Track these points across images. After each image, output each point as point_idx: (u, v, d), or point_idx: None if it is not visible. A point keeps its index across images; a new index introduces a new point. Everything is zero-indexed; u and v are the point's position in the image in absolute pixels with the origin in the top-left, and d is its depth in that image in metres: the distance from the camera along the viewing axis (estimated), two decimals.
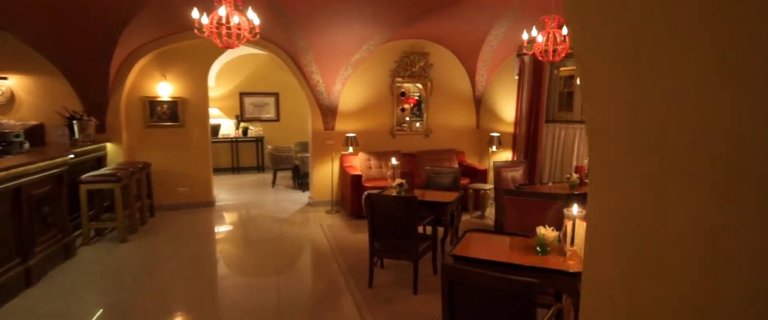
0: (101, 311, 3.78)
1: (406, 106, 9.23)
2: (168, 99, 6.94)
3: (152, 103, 6.88)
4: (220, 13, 3.90)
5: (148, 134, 6.94)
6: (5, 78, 6.01)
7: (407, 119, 9.05)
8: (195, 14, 3.90)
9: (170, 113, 6.98)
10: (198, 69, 7.11)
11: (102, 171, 5.62)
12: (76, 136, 5.93)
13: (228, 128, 10.98)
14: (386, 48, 7.19)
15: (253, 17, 4.03)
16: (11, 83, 6.06)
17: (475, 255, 2.98)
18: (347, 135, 6.79)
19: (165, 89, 6.91)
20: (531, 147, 6.62)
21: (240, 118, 10.98)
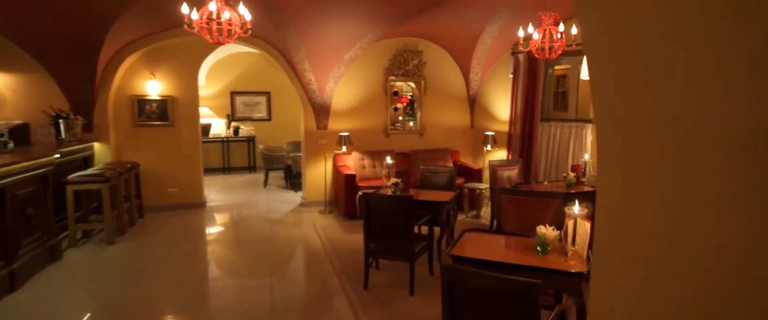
0: (88, 315, 3.66)
1: (399, 106, 9.16)
2: (157, 97, 6.81)
3: (141, 102, 6.74)
4: (211, 8, 3.79)
5: (137, 133, 6.80)
6: None
7: (400, 118, 8.98)
8: (185, 9, 3.79)
9: (159, 112, 6.85)
10: (188, 67, 6.98)
11: (89, 171, 5.49)
12: (63, 136, 5.79)
13: (219, 128, 10.84)
14: (379, 46, 7.11)
15: (245, 12, 3.92)
16: None
17: (474, 255, 2.91)
18: (341, 134, 6.70)
19: (154, 87, 6.78)
20: (526, 146, 6.57)
21: (231, 118, 10.85)
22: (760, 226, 0.84)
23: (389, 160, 4.91)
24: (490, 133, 7.02)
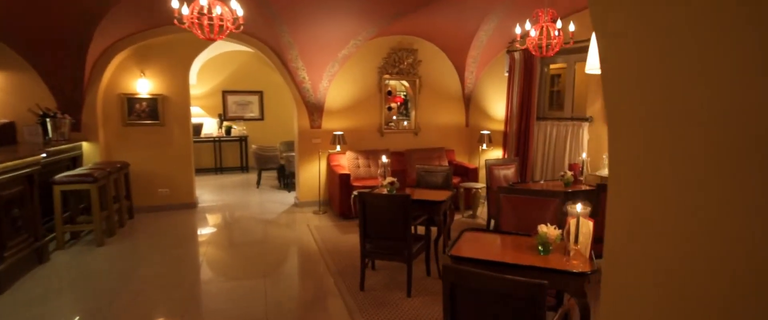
0: (77, 319, 3.55)
1: (393, 105, 9.11)
2: (147, 96, 6.68)
3: (130, 101, 6.61)
4: (202, 3, 3.69)
5: (127, 133, 6.67)
6: None
7: (394, 118, 8.93)
8: (175, 4, 3.69)
9: (150, 111, 6.72)
10: (179, 65, 6.86)
11: (77, 171, 5.36)
12: (50, 135, 5.65)
13: (210, 127, 10.71)
14: (374, 44, 7.03)
15: (237, 7, 3.83)
16: None
17: (475, 255, 2.84)
18: (335, 133, 6.61)
19: (144, 86, 6.65)
20: (522, 145, 6.51)
21: (223, 117, 10.73)
22: None
23: (385, 159, 4.83)
24: (486, 132, 6.96)
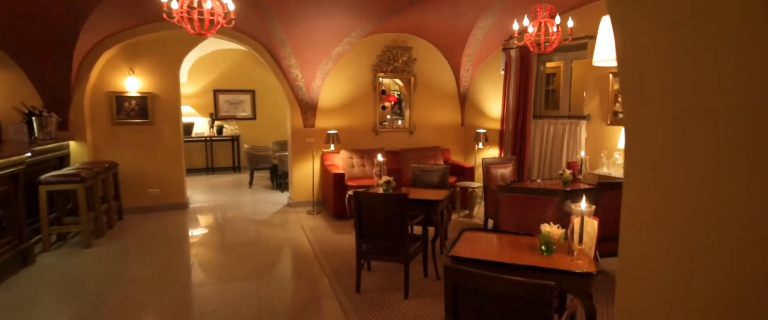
0: None
1: (387, 104, 9.01)
2: (136, 94, 6.53)
3: (119, 99, 6.46)
4: None
5: (116, 132, 6.52)
6: None
7: (388, 117, 8.83)
8: None
9: (139, 109, 6.57)
10: (169, 63, 6.72)
11: (64, 171, 5.22)
12: (36, 134, 5.49)
13: (202, 127, 10.56)
14: (368, 41, 6.94)
15: (228, 1, 3.72)
16: None
17: (476, 255, 2.75)
18: (328, 132, 6.51)
19: (133, 84, 6.50)
20: (519, 143, 6.44)
21: (214, 116, 10.58)
22: None
23: (380, 158, 4.73)
24: (482, 131, 6.89)
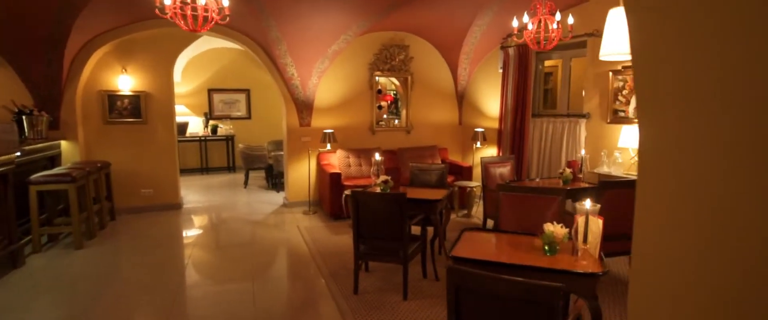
0: None
1: (383, 104, 8.94)
2: (129, 93, 6.43)
3: (112, 98, 6.35)
4: None
5: (108, 131, 6.41)
6: None
7: (384, 117, 8.77)
8: None
9: (132, 108, 6.47)
10: (162, 61, 6.62)
11: (55, 170, 5.11)
12: (26, 133, 5.38)
13: (196, 126, 10.45)
14: (364, 40, 6.87)
15: None
16: None
17: (478, 256, 2.69)
18: (325, 131, 6.42)
19: (126, 83, 6.40)
20: (517, 142, 6.38)
21: (209, 116, 10.48)
22: None
23: (378, 157, 4.66)
24: (480, 130, 6.83)
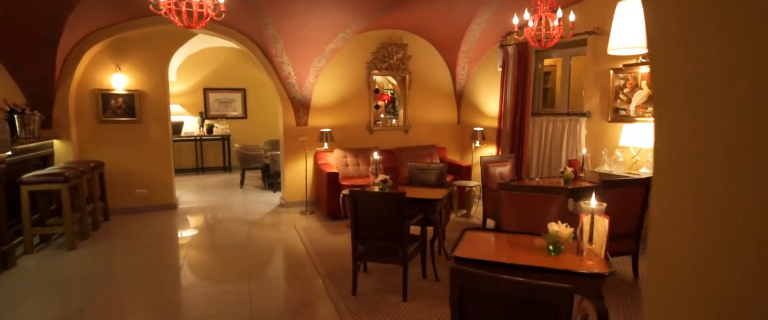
0: None
1: (380, 103, 8.86)
2: (123, 92, 6.34)
3: (105, 97, 6.26)
4: None
5: (102, 130, 6.32)
6: None
7: (382, 116, 8.70)
8: None
9: (126, 107, 6.37)
10: (157, 60, 6.53)
11: (47, 170, 5.02)
12: (18, 133, 5.28)
13: (191, 126, 10.35)
14: (362, 38, 6.80)
15: None
16: None
17: (481, 256, 2.62)
18: (322, 130, 6.35)
19: (120, 81, 6.30)
20: (517, 141, 6.32)
21: (204, 115, 10.37)
22: None
23: (376, 156, 4.58)
24: (479, 129, 6.77)
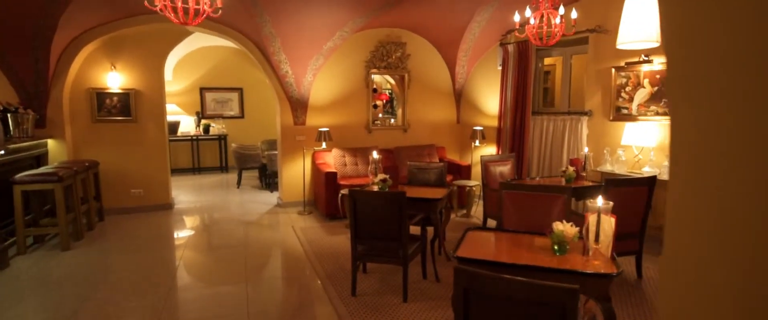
0: None
1: (378, 103, 8.81)
2: (118, 91, 6.26)
3: (100, 95, 6.18)
4: None
5: (96, 129, 6.23)
6: None
7: (380, 116, 8.64)
8: None
9: (121, 107, 6.29)
10: (152, 58, 6.45)
11: (40, 169, 4.94)
12: (11, 132, 5.20)
13: (188, 125, 10.26)
14: (360, 36, 6.74)
15: None
16: None
17: (484, 256, 2.57)
18: (320, 129, 6.28)
19: (115, 80, 6.22)
20: (517, 140, 6.27)
21: (201, 115, 10.29)
22: None
23: (376, 155, 4.52)
24: (479, 128, 6.71)
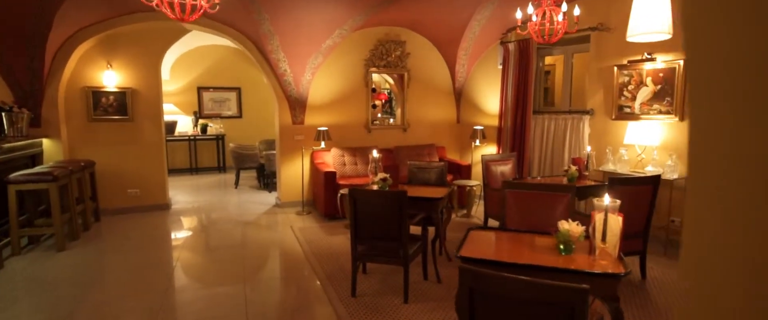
0: None
1: (377, 103, 8.76)
2: (115, 90, 6.19)
3: (96, 94, 6.11)
4: None
5: (92, 129, 6.16)
6: None
7: (379, 116, 8.60)
8: None
9: (117, 106, 6.22)
10: (149, 57, 6.38)
11: (35, 169, 4.87)
12: (6, 131, 5.13)
13: (185, 125, 10.18)
14: (360, 35, 6.68)
15: None
16: None
17: (488, 256, 2.51)
18: (319, 129, 6.22)
19: (111, 79, 6.15)
20: (518, 140, 6.22)
21: (198, 115, 10.22)
22: None
23: (375, 154, 4.46)
24: (479, 128, 6.66)
